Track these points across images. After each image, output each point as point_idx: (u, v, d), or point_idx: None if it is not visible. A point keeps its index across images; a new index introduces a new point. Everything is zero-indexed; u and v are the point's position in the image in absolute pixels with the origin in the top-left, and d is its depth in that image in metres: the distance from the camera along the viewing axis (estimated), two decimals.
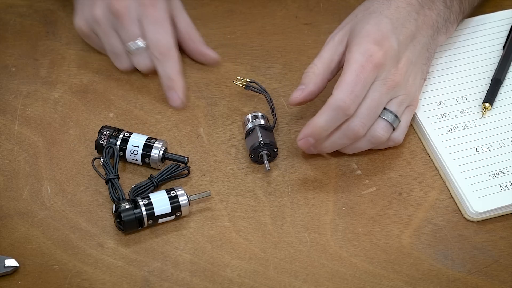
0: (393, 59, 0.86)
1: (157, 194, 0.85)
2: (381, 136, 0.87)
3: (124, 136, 0.89)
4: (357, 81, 0.84)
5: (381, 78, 0.86)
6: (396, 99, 0.87)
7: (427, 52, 0.91)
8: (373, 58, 0.85)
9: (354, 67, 0.85)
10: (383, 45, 0.86)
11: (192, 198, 0.86)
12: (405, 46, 0.88)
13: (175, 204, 0.85)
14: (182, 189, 0.86)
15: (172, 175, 0.88)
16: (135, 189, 0.87)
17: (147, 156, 0.89)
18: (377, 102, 0.86)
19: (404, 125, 0.89)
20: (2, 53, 1.00)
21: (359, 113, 0.85)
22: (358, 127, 0.85)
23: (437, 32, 0.92)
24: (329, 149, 0.89)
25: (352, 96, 0.84)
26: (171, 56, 0.93)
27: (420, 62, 0.90)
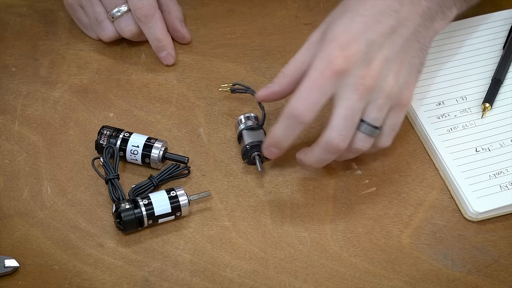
0: (361, 63, 0.81)
1: (157, 194, 0.85)
2: (362, 148, 0.84)
3: (124, 136, 0.89)
4: (313, 88, 0.81)
5: (349, 84, 0.81)
6: (373, 104, 0.83)
7: (417, 43, 0.85)
8: (332, 65, 0.81)
9: (311, 73, 0.81)
10: (347, 49, 0.81)
11: (192, 198, 0.86)
12: (379, 45, 0.83)
13: (175, 204, 0.85)
14: (182, 189, 0.86)
15: (172, 175, 0.88)
16: (135, 189, 0.87)
17: (147, 156, 0.89)
18: (351, 110, 0.81)
19: (389, 129, 0.85)
20: (2, 53, 1.00)
21: (334, 125, 0.82)
22: (337, 141, 0.82)
23: (431, 19, 0.86)
24: (318, 165, 0.86)
25: (306, 103, 0.81)
26: (155, 17, 0.96)
27: (405, 57, 0.84)
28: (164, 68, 0.98)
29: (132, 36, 0.98)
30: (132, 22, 0.97)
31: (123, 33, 0.97)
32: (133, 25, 0.97)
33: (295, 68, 0.85)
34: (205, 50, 1.00)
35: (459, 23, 1.00)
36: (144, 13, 0.95)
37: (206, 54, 1.00)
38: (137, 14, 0.96)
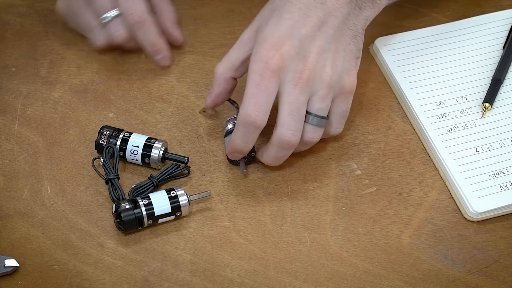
0: (296, 57, 0.84)
1: (157, 194, 0.85)
2: (311, 139, 0.86)
3: (124, 136, 0.89)
4: (258, 91, 0.83)
5: (289, 80, 0.83)
6: (316, 95, 0.85)
7: (348, 30, 0.87)
8: (268, 65, 0.83)
9: (252, 77, 0.83)
10: (280, 47, 0.83)
11: (192, 198, 0.86)
12: (312, 38, 0.84)
13: (175, 204, 0.85)
14: (182, 189, 0.86)
15: (172, 175, 0.88)
16: (135, 189, 0.87)
17: (147, 156, 0.89)
18: (295, 104, 0.84)
19: (336, 118, 0.87)
20: (2, 53, 1.00)
21: (283, 122, 0.84)
22: (288, 136, 0.84)
23: (359, 8, 0.87)
24: (275, 164, 0.88)
25: (256, 108, 0.83)
26: (146, 21, 0.95)
27: (339, 46, 0.86)
28: (164, 68, 0.98)
29: (123, 41, 0.96)
30: (122, 27, 0.95)
31: (115, 38, 0.96)
32: (123, 29, 0.95)
33: (228, 65, 0.89)
34: (205, 50, 1.00)
35: (459, 23, 1.00)
36: (136, 18, 0.94)
37: (206, 54, 1.00)
38: (129, 20, 0.95)
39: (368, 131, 0.93)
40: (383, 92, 0.96)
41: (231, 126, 0.90)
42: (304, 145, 0.87)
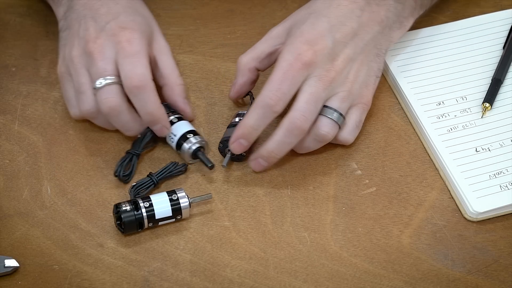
0: (327, 57, 0.86)
1: (158, 196, 0.85)
2: (325, 134, 0.87)
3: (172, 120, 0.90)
4: (284, 79, 0.85)
5: (315, 75, 0.86)
6: (336, 96, 0.87)
7: (375, 48, 0.90)
8: (301, 57, 0.85)
9: (282, 65, 0.85)
10: (315, 44, 0.86)
11: (193, 200, 0.86)
12: (344, 44, 0.88)
13: (176, 207, 0.85)
14: (183, 191, 0.85)
15: (171, 174, 0.88)
16: (136, 187, 0.87)
17: (179, 146, 0.89)
18: (315, 96, 0.86)
19: (352, 124, 0.89)
20: (2, 53, 1.00)
21: (298, 107, 0.85)
22: (299, 120, 0.85)
23: (389, 28, 0.91)
24: (277, 152, 0.87)
25: (278, 93, 0.84)
26: (147, 88, 0.86)
27: (365, 59, 0.89)
28: None
29: (110, 112, 0.86)
30: (114, 95, 0.86)
31: (101, 105, 0.86)
32: (113, 97, 0.86)
33: (253, 56, 0.91)
34: (205, 50, 1.00)
35: (459, 23, 1.00)
36: (134, 83, 0.85)
37: (206, 54, 1.00)
38: (127, 85, 0.86)
39: (368, 131, 0.93)
40: (383, 92, 0.96)
41: (238, 120, 0.90)
42: (316, 140, 0.88)
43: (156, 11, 1.03)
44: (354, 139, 0.90)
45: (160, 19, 1.01)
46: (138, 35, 0.88)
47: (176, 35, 1.02)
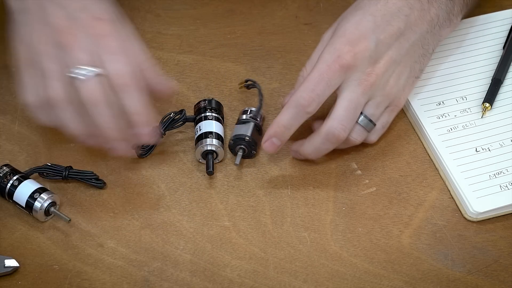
0: (368, 60, 0.84)
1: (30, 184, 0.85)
2: (355, 141, 0.87)
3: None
4: (320, 80, 0.83)
5: (355, 79, 0.84)
6: (373, 101, 0.86)
7: (421, 49, 0.88)
8: (340, 59, 0.84)
9: (320, 66, 0.84)
10: (356, 45, 0.84)
11: (52, 211, 0.85)
12: (388, 45, 0.85)
13: (30, 203, 0.85)
14: (51, 198, 0.85)
15: (84, 180, 0.88)
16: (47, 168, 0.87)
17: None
18: (355, 103, 0.85)
19: (380, 127, 0.89)
20: (2, 53, 1.00)
21: (337, 115, 0.84)
22: (338, 131, 0.85)
23: (439, 26, 0.89)
24: (313, 156, 0.88)
25: (312, 94, 0.83)
26: (137, 86, 0.81)
27: (409, 60, 0.87)
28: (164, 68, 0.98)
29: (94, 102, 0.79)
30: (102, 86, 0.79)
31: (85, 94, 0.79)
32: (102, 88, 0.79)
33: (311, 65, 0.87)
34: (205, 50, 1.00)
35: None
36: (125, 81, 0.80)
37: (206, 54, 1.00)
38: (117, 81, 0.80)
39: None
40: None
41: (245, 117, 0.90)
42: (345, 143, 0.88)
43: (156, 11, 1.03)
44: (377, 139, 0.90)
45: (160, 19, 1.02)
46: (115, 26, 0.81)
47: (176, 35, 1.02)
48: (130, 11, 1.03)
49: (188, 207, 0.87)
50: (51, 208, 0.85)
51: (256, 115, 0.90)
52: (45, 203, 0.85)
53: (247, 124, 0.90)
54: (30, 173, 0.87)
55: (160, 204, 0.88)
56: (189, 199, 0.88)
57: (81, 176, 0.88)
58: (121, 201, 0.88)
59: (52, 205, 0.85)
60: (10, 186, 0.86)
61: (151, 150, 0.90)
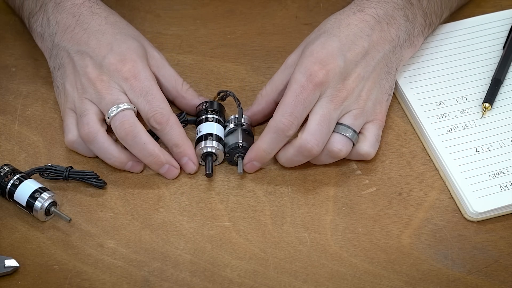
0: (339, 77, 0.86)
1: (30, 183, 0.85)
2: (338, 151, 0.87)
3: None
4: (297, 103, 0.85)
5: (327, 95, 0.86)
6: (348, 113, 0.87)
7: (386, 67, 0.90)
8: (313, 78, 0.85)
9: (294, 87, 0.85)
10: (326, 64, 0.86)
11: (53, 211, 0.85)
12: (355, 63, 0.88)
13: (31, 202, 0.85)
14: (51, 198, 0.85)
15: (85, 180, 0.88)
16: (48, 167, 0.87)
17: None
18: (327, 117, 0.86)
19: (372, 137, 0.89)
20: (2, 53, 1.00)
21: (310, 129, 0.85)
22: (311, 144, 0.85)
23: (400, 47, 0.91)
24: (288, 165, 0.89)
25: (291, 118, 0.85)
26: (170, 121, 0.87)
27: (376, 77, 0.89)
28: None
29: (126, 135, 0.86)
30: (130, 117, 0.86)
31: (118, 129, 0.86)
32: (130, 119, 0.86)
33: (272, 88, 0.91)
34: (205, 50, 1.00)
35: (459, 23, 1.00)
36: (157, 120, 0.87)
37: (206, 54, 1.00)
38: (151, 123, 0.87)
39: None
40: None
41: (233, 126, 0.90)
42: (329, 156, 0.87)
43: (156, 11, 1.03)
44: (375, 152, 0.89)
45: (160, 19, 1.02)
46: (140, 65, 0.88)
47: (176, 35, 1.02)
48: (130, 11, 1.03)
49: (188, 207, 0.87)
50: (52, 207, 0.85)
51: (240, 120, 0.90)
52: (45, 203, 0.85)
53: (235, 132, 0.90)
54: (31, 173, 0.87)
55: (160, 204, 0.88)
56: (189, 199, 0.88)
57: (82, 176, 0.88)
58: (121, 201, 0.88)
59: (53, 204, 0.85)
60: (11, 186, 0.86)
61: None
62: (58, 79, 0.92)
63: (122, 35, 0.91)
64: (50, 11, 0.92)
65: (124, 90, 0.88)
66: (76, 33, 0.90)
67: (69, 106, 0.90)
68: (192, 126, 0.92)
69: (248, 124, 0.91)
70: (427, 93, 0.94)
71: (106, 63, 0.88)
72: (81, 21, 0.91)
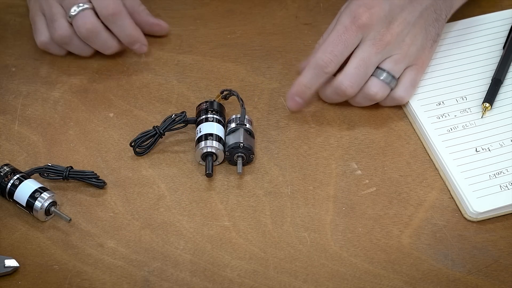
0: (383, 20, 0.88)
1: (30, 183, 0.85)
2: (374, 94, 0.90)
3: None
4: (338, 42, 0.87)
5: (369, 38, 0.88)
6: (390, 58, 0.89)
7: (434, 13, 0.91)
8: (357, 20, 0.87)
9: (338, 28, 0.88)
10: (371, 7, 0.88)
11: (53, 211, 0.85)
12: (401, 8, 0.89)
13: (31, 202, 0.85)
14: (51, 198, 0.85)
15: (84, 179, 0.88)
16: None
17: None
18: (366, 61, 0.88)
19: (407, 82, 0.91)
20: (2, 53, 1.00)
21: (347, 72, 0.88)
22: (345, 86, 0.88)
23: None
24: (328, 101, 0.93)
25: (331, 56, 0.87)
26: (122, 14, 0.94)
27: (423, 23, 0.90)
28: (164, 68, 0.98)
29: (88, 33, 0.94)
30: (90, 17, 0.94)
31: (79, 29, 0.94)
32: (90, 19, 0.94)
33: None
34: (205, 50, 1.00)
35: (459, 23, 1.00)
36: (110, 11, 0.94)
37: (206, 54, 1.00)
38: (103, 13, 0.94)
39: (368, 131, 0.93)
40: None
41: (235, 125, 0.90)
42: (366, 98, 0.91)
43: (156, 11, 1.03)
44: (409, 98, 0.92)
45: (160, 19, 1.01)
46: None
47: (176, 35, 1.02)
48: None
49: (188, 207, 0.87)
50: (52, 207, 0.85)
51: (243, 120, 0.90)
52: (45, 203, 0.85)
53: (237, 131, 0.90)
54: (31, 173, 0.87)
55: (160, 204, 0.88)
56: (189, 199, 0.88)
57: (82, 176, 0.88)
58: (121, 201, 0.88)
59: (53, 204, 0.85)
60: (11, 186, 0.86)
61: (149, 149, 0.90)
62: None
63: None
64: None
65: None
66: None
67: (38, 8, 0.96)
68: (192, 126, 0.92)
69: (250, 125, 0.91)
70: (427, 93, 0.94)
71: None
72: None
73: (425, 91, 0.95)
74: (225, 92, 0.93)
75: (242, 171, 0.89)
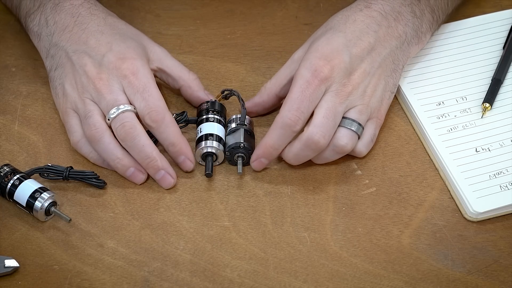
0: (344, 72, 0.86)
1: (30, 183, 0.85)
2: (344, 145, 0.87)
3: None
4: (303, 98, 0.85)
5: (332, 90, 0.86)
6: (354, 108, 0.87)
7: (392, 64, 0.90)
8: (318, 73, 0.85)
9: (300, 83, 0.86)
10: (331, 59, 0.86)
11: (53, 211, 0.85)
12: (361, 58, 0.88)
13: (31, 202, 0.85)
14: (51, 198, 0.85)
15: (85, 180, 0.88)
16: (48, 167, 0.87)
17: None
18: (333, 111, 0.85)
19: (368, 137, 0.89)
20: (2, 53, 1.00)
21: (317, 122, 0.85)
22: (318, 137, 0.85)
23: (407, 43, 0.91)
24: (295, 161, 0.88)
25: (297, 113, 0.85)
26: (165, 120, 0.87)
27: (382, 74, 0.89)
28: None
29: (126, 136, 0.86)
30: (130, 119, 0.86)
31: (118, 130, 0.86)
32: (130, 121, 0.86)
33: (276, 82, 0.91)
34: (205, 50, 1.00)
35: (459, 23, 1.00)
36: (153, 117, 0.86)
37: (206, 54, 1.00)
38: (146, 120, 0.87)
39: None
40: None
41: (235, 125, 0.90)
42: (334, 151, 0.88)
43: (156, 11, 1.03)
44: (367, 152, 0.90)
45: (160, 19, 1.02)
46: (139, 62, 0.88)
47: (176, 35, 1.02)
48: (130, 11, 1.03)
49: (188, 207, 0.87)
50: (52, 207, 0.85)
51: (243, 120, 0.90)
52: (45, 203, 0.85)
53: (237, 131, 0.90)
54: (31, 173, 0.87)
55: (160, 204, 0.88)
56: (189, 199, 0.88)
57: (82, 176, 0.88)
58: (121, 201, 0.88)
59: (53, 204, 0.85)
60: (11, 186, 0.86)
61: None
62: (55, 79, 0.91)
63: (121, 35, 0.91)
64: (48, 11, 0.92)
65: (123, 87, 0.88)
66: (75, 33, 0.91)
67: (70, 107, 0.89)
68: (192, 126, 0.92)
69: (250, 125, 0.91)
70: (427, 93, 0.94)
71: (105, 62, 0.88)
72: (80, 22, 0.91)
73: (425, 91, 0.95)
74: (225, 92, 0.93)
75: (242, 171, 0.89)
